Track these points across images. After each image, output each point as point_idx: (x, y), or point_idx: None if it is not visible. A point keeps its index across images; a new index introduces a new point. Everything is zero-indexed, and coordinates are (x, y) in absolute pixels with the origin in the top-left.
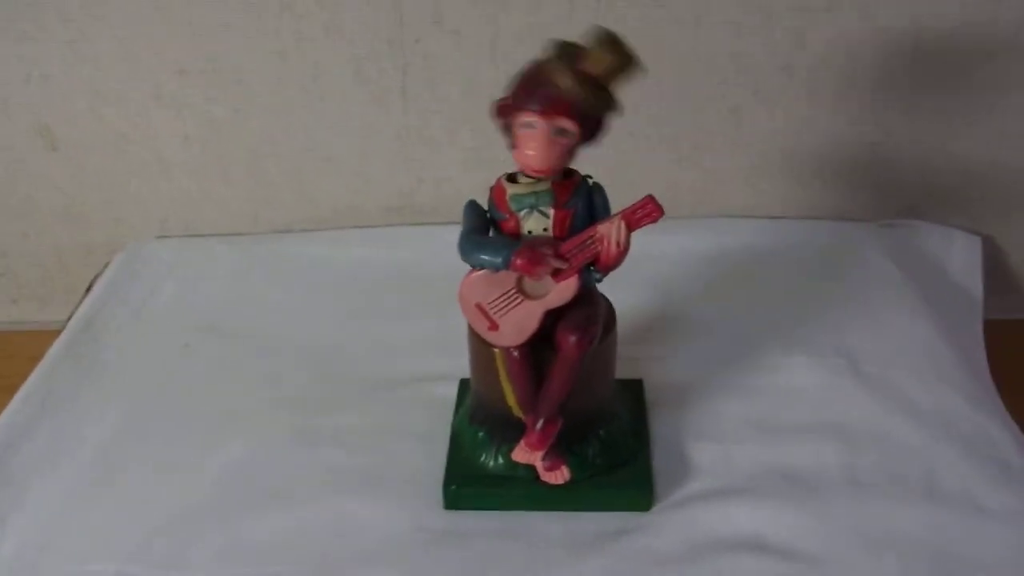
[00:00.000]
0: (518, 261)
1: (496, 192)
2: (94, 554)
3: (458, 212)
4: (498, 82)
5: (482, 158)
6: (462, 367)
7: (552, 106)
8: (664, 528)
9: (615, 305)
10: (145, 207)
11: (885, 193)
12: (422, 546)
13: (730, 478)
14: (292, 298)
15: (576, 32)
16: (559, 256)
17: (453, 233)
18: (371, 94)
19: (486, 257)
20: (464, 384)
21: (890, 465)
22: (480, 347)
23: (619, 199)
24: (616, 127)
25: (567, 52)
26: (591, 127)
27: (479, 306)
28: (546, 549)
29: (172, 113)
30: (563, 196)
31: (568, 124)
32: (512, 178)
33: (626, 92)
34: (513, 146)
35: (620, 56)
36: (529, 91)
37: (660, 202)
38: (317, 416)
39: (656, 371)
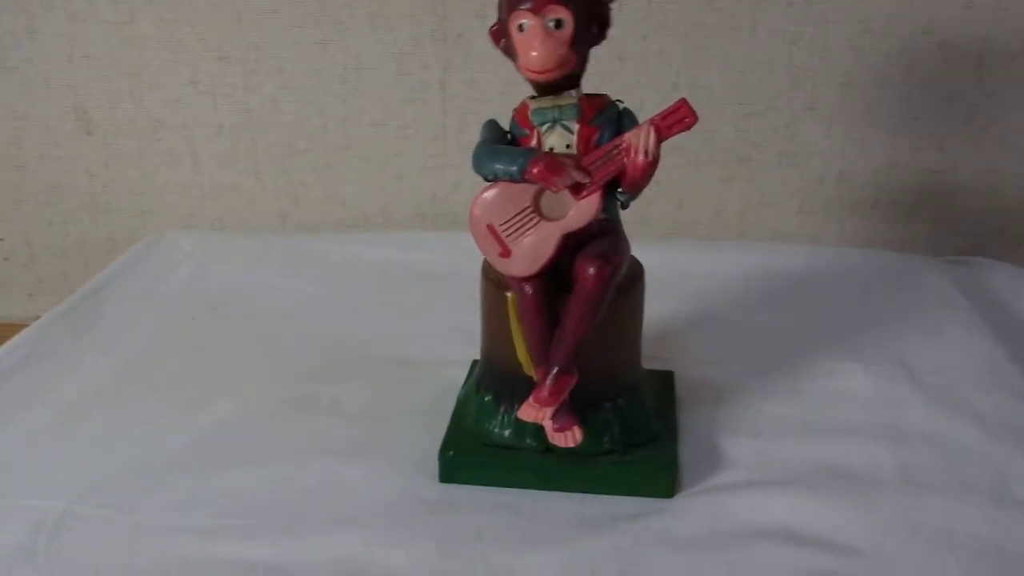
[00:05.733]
0: (535, 168)
1: (519, 110)
2: (44, 492)
3: None
4: None
5: None
6: (478, 353)
7: None
8: (687, 513)
9: (651, 315)
10: (173, 200)
11: (948, 227)
12: (405, 514)
13: (766, 471)
14: (310, 288)
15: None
16: (581, 169)
17: None
18: (411, 90)
19: (501, 166)
20: (476, 364)
21: (952, 467)
22: (491, 293)
23: (662, 220)
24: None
25: None
26: (587, 15)
27: (491, 228)
28: (548, 525)
29: (208, 101)
30: (590, 112)
31: (561, 12)
32: (535, 99)
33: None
34: (516, 60)
35: None
36: None
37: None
38: (317, 387)
39: (691, 370)
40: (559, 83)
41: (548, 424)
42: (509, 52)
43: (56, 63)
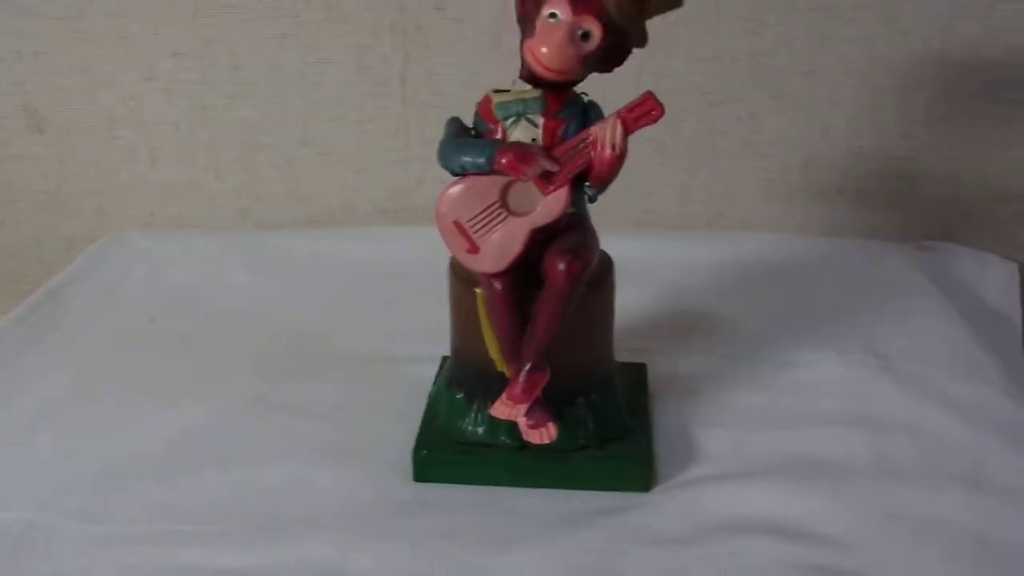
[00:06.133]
0: (503, 158)
1: (482, 103)
2: (6, 503)
3: None
4: (502, 75)
5: None
6: (447, 350)
7: (586, 2)
8: (664, 508)
9: (621, 306)
10: (131, 199)
11: (913, 213)
12: (383, 515)
13: (742, 463)
14: (273, 286)
15: None
16: (550, 158)
17: None
18: (370, 83)
19: (468, 158)
20: (446, 361)
21: (928, 455)
22: (460, 289)
23: (629, 210)
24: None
25: None
26: (613, 45)
27: (457, 224)
28: (526, 523)
29: (164, 98)
30: (555, 105)
31: (595, 27)
32: (499, 92)
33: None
34: (527, 37)
35: None
36: None
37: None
38: (284, 387)
39: (662, 361)
40: (548, 84)
41: (522, 421)
42: (525, 25)
43: (4, 60)
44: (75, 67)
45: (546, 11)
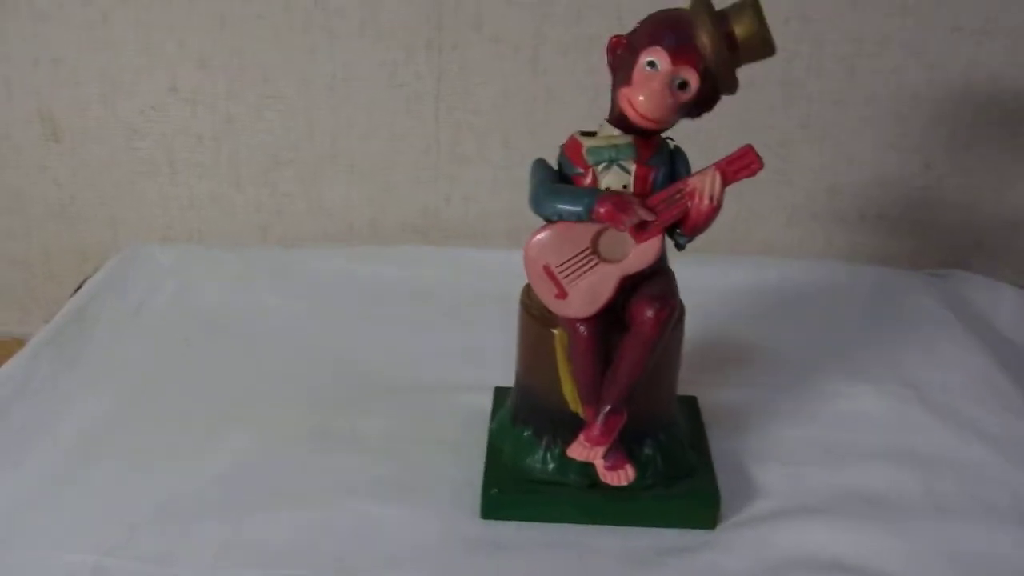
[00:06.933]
0: (602, 208)
1: (569, 147)
2: (70, 544)
3: (484, 233)
4: (537, 95)
5: (513, 178)
6: (493, 378)
7: (685, 52)
8: (733, 546)
9: None
10: (148, 211)
11: (929, 240)
12: (456, 555)
13: (802, 499)
14: (304, 306)
15: None
16: (646, 207)
17: (481, 253)
18: (403, 100)
19: (565, 206)
20: (500, 393)
21: (974, 490)
22: (533, 328)
23: None
24: None
25: (712, 9)
26: (707, 95)
27: (547, 269)
28: (601, 564)
29: (188, 109)
30: (646, 152)
31: (693, 77)
32: (585, 135)
33: None
34: (622, 85)
35: (763, 29)
36: (665, 31)
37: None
38: (333, 418)
39: (709, 394)
40: (638, 130)
41: (599, 463)
42: (619, 70)
43: (19, 66)
44: (94, 75)
45: (644, 60)
